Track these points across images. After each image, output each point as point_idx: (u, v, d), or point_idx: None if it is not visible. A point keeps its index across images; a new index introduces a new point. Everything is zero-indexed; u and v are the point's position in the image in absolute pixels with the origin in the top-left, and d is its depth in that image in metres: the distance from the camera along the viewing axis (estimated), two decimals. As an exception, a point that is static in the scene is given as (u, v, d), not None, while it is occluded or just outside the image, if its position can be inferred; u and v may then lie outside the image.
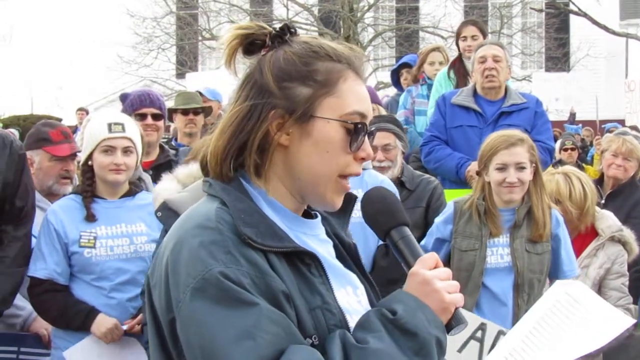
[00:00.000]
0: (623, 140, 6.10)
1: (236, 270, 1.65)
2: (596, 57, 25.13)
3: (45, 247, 4.14)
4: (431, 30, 24.87)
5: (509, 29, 26.07)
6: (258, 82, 1.81)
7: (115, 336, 4.09)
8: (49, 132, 4.72)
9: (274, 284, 1.68)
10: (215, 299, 1.63)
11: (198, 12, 26.21)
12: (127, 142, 4.19)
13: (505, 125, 5.60)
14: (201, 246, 1.68)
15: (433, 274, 1.77)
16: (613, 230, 4.86)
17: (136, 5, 24.40)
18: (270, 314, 1.64)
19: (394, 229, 1.87)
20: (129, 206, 4.26)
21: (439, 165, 5.97)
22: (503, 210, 4.31)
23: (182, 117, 6.56)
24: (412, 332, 1.68)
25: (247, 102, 1.81)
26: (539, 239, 4.25)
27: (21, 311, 4.40)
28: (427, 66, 7.75)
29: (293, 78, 1.80)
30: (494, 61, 5.89)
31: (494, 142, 4.31)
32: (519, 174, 4.23)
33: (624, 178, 6.08)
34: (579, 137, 14.13)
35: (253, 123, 1.79)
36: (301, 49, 1.83)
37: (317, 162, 1.80)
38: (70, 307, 4.10)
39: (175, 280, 1.69)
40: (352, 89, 1.83)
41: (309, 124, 1.79)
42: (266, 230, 1.74)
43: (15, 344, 4.38)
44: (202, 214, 1.76)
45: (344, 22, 23.76)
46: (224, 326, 1.62)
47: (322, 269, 1.81)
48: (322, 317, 1.75)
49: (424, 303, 1.73)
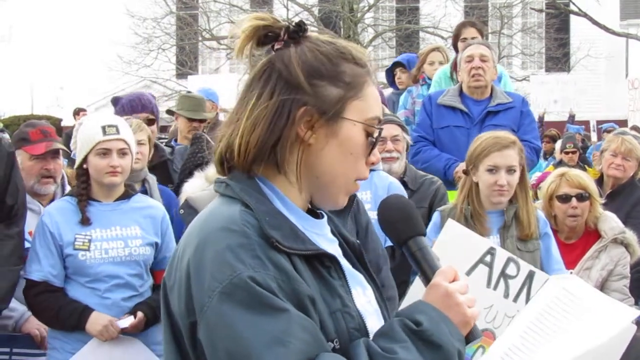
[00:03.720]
0: (622, 140, 6.09)
1: (264, 275, 1.64)
2: (596, 58, 25.12)
3: (40, 249, 4.14)
4: (431, 31, 24.85)
5: (509, 29, 26.06)
6: (284, 76, 1.79)
7: (112, 333, 4.07)
8: (29, 132, 4.69)
9: (300, 288, 1.67)
10: (244, 304, 1.61)
11: (198, 13, 26.20)
12: (122, 143, 4.19)
13: (492, 125, 5.61)
14: (228, 249, 1.66)
15: (455, 287, 1.77)
16: (616, 232, 4.83)
17: (136, 5, 24.39)
18: (300, 320, 1.63)
19: (411, 239, 1.87)
20: (124, 209, 4.26)
21: (427, 166, 5.92)
22: (490, 212, 4.32)
23: (186, 122, 6.56)
24: (437, 344, 1.68)
25: (275, 97, 1.78)
26: (527, 237, 4.26)
27: (13, 312, 4.39)
28: (427, 66, 7.76)
29: (324, 76, 1.80)
30: (480, 60, 5.90)
31: (486, 143, 4.29)
32: (509, 177, 4.23)
33: (623, 178, 6.07)
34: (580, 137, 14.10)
35: (284, 121, 1.77)
36: (330, 49, 1.83)
37: (340, 162, 1.81)
38: (64, 308, 4.09)
39: (199, 284, 1.67)
40: (373, 94, 1.86)
41: (337, 125, 1.79)
42: (290, 232, 1.73)
43: (7, 345, 4.37)
44: (224, 216, 1.74)
45: (344, 22, 23.76)
46: (254, 332, 1.60)
47: (342, 272, 1.81)
48: (342, 320, 1.74)
49: (447, 316, 1.73)
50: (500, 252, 3.91)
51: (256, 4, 26.21)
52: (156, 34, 25.15)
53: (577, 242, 4.89)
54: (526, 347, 1.95)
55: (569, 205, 4.78)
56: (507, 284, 3.84)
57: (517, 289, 3.83)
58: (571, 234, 4.90)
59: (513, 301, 3.81)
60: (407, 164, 5.27)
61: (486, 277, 3.83)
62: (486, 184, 4.26)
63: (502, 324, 3.73)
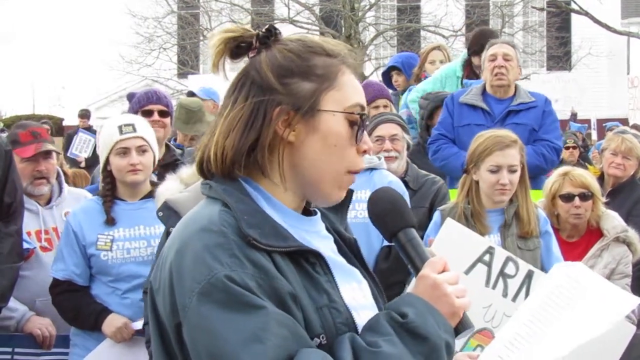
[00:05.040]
0: (622, 139, 6.10)
1: (242, 273, 1.64)
2: (597, 56, 25.09)
3: (65, 249, 4.23)
4: (432, 30, 24.81)
5: (510, 28, 26.01)
6: (256, 81, 1.81)
7: (126, 335, 4.12)
8: (19, 134, 4.69)
9: (280, 285, 1.67)
10: (222, 303, 1.62)
11: (199, 12, 26.19)
12: (140, 141, 4.24)
13: (513, 124, 5.61)
14: (205, 250, 1.67)
15: (443, 278, 1.76)
16: (618, 231, 4.84)
17: (137, 5, 24.38)
18: (277, 316, 1.63)
19: (401, 231, 1.86)
20: (149, 208, 4.26)
21: (446, 164, 5.97)
22: (490, 211, 4.32)
23: (181, 134, 6.55)
24: (423, 336, 1.68)
25: (249, 100, 1.79)
26: (528, 234, 4.27)
27: (14, 313, 4.40)
28: (428, 65, 7.76)
29: (294, 74, 1.80)
30: (504, 59, 5.89)
31: (488, 142, 4.30)
32: (510, 176, 4.24)
33: (624, 176, 6.09)
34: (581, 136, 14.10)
35: (260, 121, 1.78)
36: (297, 46, 1.83)
37: (325, 156, 1.80)
38: (84, 308, 4.19)
39: (180, 285, 1.68)
40: (350, 82, 1.84)
41: (315, 119, 1.79)
42: (270, 230, 1.73)
43: (9, 345, 4.39)
44: (204, 217, 1.75)
45: (345, 21, 23.72)
46: (232, 330, 1.61)
47: (327, 267, 1.80)
48: (329, 315, 1.74)
49: (434, 307, 1.72)
50: (499, 251, 3.92)
51: (257, 3, 26.21)
52: (157, 34, 25.13)
53: (579, 241, 4.90)
54: (530, 336, 1.95)
55: (571, 205, 4.79)
56: (505, 283, 3.84)
57: (515, 289, 3.84)
58: (573, 232, 4.90)
59: (512, 300, 3.82)
60: (408, 164, 5.26)
61: (485, 276, 3.84)
62: (488, 183, 4.27)
63: (500, 323, 3.74)
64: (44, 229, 4.63)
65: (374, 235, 4.36)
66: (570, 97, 15.56)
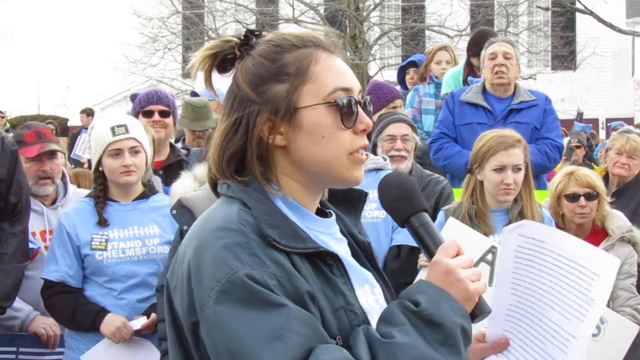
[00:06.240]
0: (627, 139, 6.10)
1: (262, 272, 1.64)
2: (602, 55, 25.05)
3: (58, 250, 4.19)
4: (437, 29, 24.80)
5: (515, 28, 25.98)
6: (238, 95, 1.82)
7: (125, 335, 4.11)
8: (24, 134, 4.71)
9: (300, 284, 1.68)
10: (242, 302, 1.62)
11: (204, 12, 26.21)
12: (133, 142, 4.21)
13: (514, 122, 5.60)
14: (225, 248, 1.67)
15: (456, 263, 1.76)
16: (623, 230, 4.83)
17: (142, 5, 24.41)
18: (298, 314, 1.63)
19: (413, 216, 1.85)
20: (142, 208, 4.29)
21: (448, 163, 5.96)
22: (494, 210, 4.31)
23: (189, 131, 6.54)
24: (437, 322, 1.67)
25: (231, 116, 1.81)
26: None
27: (19, 313, 4.41)
28: (433, 65, 7.77)
29: (266, 79, 1.80)
30: (504, 58, 5.88)
31: (492, 142, 4.29)
32: (515, 175, 4.23)
33: (628, 176, 6.09)
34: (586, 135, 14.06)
35: (241, 134, 1.79)
36: (265, 49, 1.83)
37: (319, 149, 1.79)
38: (80, 309, 4.15)
39: (198, 283, 1.68)
40: (326, 68, 1.82)
41: (297, 117, 1.79)
42: (289, 231, 1.74)
43: (14, 344, 4.40)
44: (223, 216, 1.75)
45: (349, 21, 23.71)
46: (252, 328, 1.60)
47: (344, 270, 1.80)
48: (345, 317, 1.74)
49: (447, 292, 1.71)
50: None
51: (262, 3, 26.22)
52: (162, 34, 25.14)
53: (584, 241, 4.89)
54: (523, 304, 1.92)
55: (577, 204, 4.78)
56: None
57: None
58: (578, 232, 4.89)
59: None
60: (413, 164, 5.27)
61: (487, 275, 3.84)
62: (493, 183, 4.26)
63: None
64: (48, 229, 4.64)
65: (383, 234, 4.38)
66: (576, 96, 15.50)
